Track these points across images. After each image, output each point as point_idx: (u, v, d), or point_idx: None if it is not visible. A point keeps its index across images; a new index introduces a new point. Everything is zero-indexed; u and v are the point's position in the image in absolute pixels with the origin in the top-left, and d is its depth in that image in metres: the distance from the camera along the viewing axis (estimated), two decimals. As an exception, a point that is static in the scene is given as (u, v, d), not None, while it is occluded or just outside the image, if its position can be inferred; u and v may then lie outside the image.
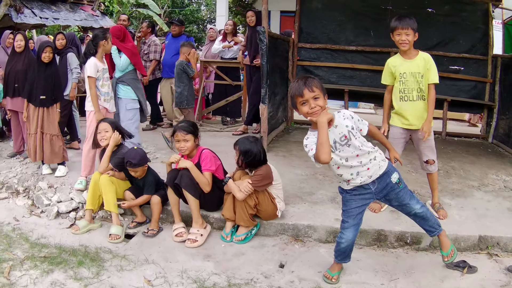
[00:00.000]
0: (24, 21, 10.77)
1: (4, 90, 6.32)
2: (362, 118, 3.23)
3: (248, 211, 3.98)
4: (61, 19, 11.64)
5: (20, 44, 6.15)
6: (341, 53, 7.55)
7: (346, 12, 7.36)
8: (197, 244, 4.00)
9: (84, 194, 5.04)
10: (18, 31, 6.42)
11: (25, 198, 5.27)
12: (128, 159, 4.27)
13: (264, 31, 5.78)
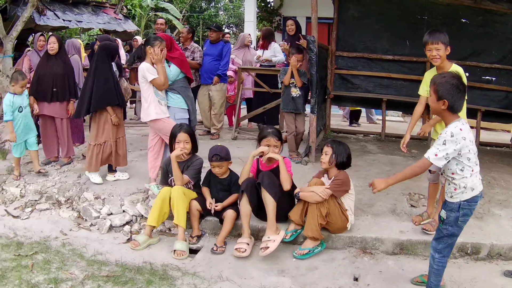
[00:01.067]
0: (47, 23, 10.47)
1: (35, 93, 5.87)
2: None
3: (319, 220, 3.81)
4: (84, 22, 11.34)
5: (53, 47, 5.80)
6: (377, 62, 7.54)
7: (382, 21, 7.34)
8: (269, 251, 3.78)
9: (138, 206, 4.67)
10: (51, 34, 6.08)
11: (70, 210, 4.89)
12: (215, 153, 4.15)
13: (314, 40, 5.73)
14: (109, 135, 5.22)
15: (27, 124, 5.60)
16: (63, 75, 5.82)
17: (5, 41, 7.79)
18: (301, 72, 6.04)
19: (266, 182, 3.87)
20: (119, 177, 5.39)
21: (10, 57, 7.92)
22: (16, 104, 5.38)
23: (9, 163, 6.12)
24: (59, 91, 5.81)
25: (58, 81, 5.79)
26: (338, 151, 3.96)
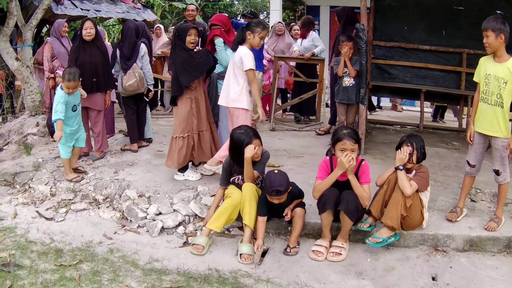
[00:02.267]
0: (65, 12, 9.95)
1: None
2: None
3: (401, 210, 3.55)
4: (102, 11, 10.81)
5: (90, 32, 5.27)
6: (414, 52, 7.28)
7: (419, 11, 7.11)
8: (341, 258, 3.59)
9: (191, 205, 4.13)
10: (87, 18, 5.53)
11: (110, 210, 4.33)
12: (275, 188, 3.52)
13: (363, 28, 5.56)
14: (192, 127, 4.66)
15: (80, 122, 5.12)
16: (102, 64, 5.37)
17: (24, 30, 7.25)
18: (353, 60, 5.77)
19: (350, 209, 3.51)
20: (189, 177, 4.81)
21: (30, 46, 7.37)
22: (70, 103, 4.87)
23: (34, 159, 5.61)
24: (99, 81, 5.34)
25: (98, 71, 5.34)
26: (418, 146, 3.71)
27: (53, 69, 6.42)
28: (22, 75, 7.08)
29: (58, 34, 6.47)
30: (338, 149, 3.55)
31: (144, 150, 5.81)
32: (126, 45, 5.57)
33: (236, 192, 3.77)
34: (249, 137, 3.74)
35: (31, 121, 6.78)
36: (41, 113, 7.05)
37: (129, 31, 5.63)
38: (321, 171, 3.71)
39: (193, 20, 6.98)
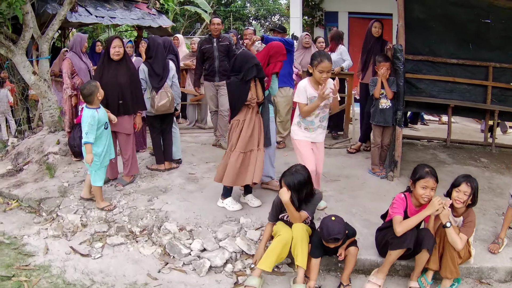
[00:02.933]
0: (79, 20, 9.77)
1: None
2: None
3: (457, 260, 3.55)
4: (117, 18, 10.59)
5: (119, 52, 4.99)
6: (442, 66, 7.10)
7: (446, 23, 6.91)
8: None
9: (238, 241, 3.91)
10: (115, 36, 5.27)
11: (149, 244, 4.09)
12: (333, 236, 3.38)
13: (401, 48, 5.53)
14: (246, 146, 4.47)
15: (111, 142, 4.84)
16: (129, 85, 5.06)
17: (40, 42, 7.02)
18: (390, 81, 5.62)
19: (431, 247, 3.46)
20: (227, 206, 4.57)
21: (47, 59, 7.15)
22: (101, 121, 4.57)
23: (59, 182, 5.40)
24: (126, 103, 5.05)
25: (124, 92, 5.03)
26: (476, 190, 3.59)
27: (74, 86, 6.18)
28: (40, 89, 6.86)
29: (79, 50, 6.24)
30: (420, 186, 3.48)
31: (175, 172, 5.58)
32: (157, 63, 5.32)
33: (285, 230, 3.64)
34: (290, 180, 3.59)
35: (51, 138, 6.56)
36: (61, 129, 6.83)
37: (159, 48, 5.38)
38: (398, 207, 3.57)
39: (218, 34, 6.71)
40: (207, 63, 6.73)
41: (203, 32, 20.36)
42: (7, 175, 6.00)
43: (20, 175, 5.93)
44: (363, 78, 6.72)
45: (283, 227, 3.68)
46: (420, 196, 3.46)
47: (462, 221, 3.64)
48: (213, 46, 6.65)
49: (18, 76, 8.00)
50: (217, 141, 6.87)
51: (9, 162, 6.51)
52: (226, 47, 6.68)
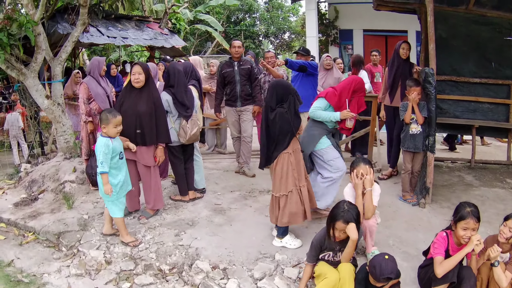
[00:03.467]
0: (91, 40, 9.63)
1: None
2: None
3: None
4: (130, 38, 10.45)
5: (139, 79, 4.77)
6: (464, 85, 7.08)
7: (469, 42, 6.89)
8: None
9: (276, 281, 3.70)
10: (136, 62, 5.09)
11: (181, 284, 3.86)
12: (387, 275, 3.24)
13: (433, 73, 5.39)
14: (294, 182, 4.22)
15: (127, 173, 4.61)
16: (149, 114, 4.80)
17: (52, 64, 6.88)
18: (420, 105, 5.44)
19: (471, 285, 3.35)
20: (287, 244, 4.30)
21: (60, 82, 6.99)
22: (116, 150, 4.36)
23: (78, 214, 5.19)
24: (144, 133, 4.79)
25: (142, 121, 4.78)
26: None
27: (90, 112, 6.00)
28: (54, 114, 6.70)
29: (97, 74, 6.08)
30: (460, 227, 3.40)
31: (200, 203, 5.37)
32: (180, 92, 5.12)
33: (331, 272, 3.48)
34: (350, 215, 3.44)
35: (67, 166, 6.36)
36: (76, 155, 6.64)
37: (180, 76, 5.19)
38: (439, 248, 3.46)
39: (239, 58, 6.52)
40: (228, 87, 6.55)
41: (213, 50, 20.31)
42: (22, 204, 5.80)
43: (36, 205, 5.72)
44: (391, 101, 6.54)
45: (328, 269, 3.50)
46: (461, 237, 3.40)
47: (508, 257, 3.47)
48: (234, 70, 6.46)
49: (30, 100, 7.85)
50: (240, 168, 6.68)
51: (22, 189, 6.31)
52: (248, 71, 6.50)
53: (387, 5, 6.97)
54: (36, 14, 6.34)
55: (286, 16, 22.93)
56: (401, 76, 6.29)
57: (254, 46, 22.90)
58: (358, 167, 3.93)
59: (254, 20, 23.14)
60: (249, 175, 6.51)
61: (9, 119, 8.28)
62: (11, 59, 6.26)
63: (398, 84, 6.33)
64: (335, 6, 12.54)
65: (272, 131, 4.17)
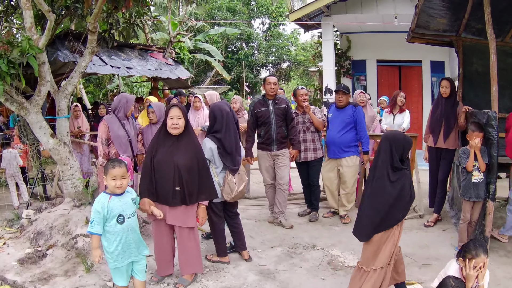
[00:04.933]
0: (94, 70, 8.99)
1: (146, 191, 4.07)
2: None
3: None
4: (134, 68, 9.81)
5: (178, 124, 4.03)
6: (501, 121, 6.55)
7: (505, 77, 6.59)
8: None
9: None
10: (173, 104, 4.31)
11: None
12: None
13: (496, 116, 5.07)
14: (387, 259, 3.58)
15: (131, 242, 3.66)
16: (190, 167, 4.05)
17: (57, 98, 6.18)
18: (482, 151, 5.03)
19: None
20: None
21: (66, 118, 6.28)
22: (113, 211, 3.55)
23: (100, 280, 4.49)
24: (185, 190, 4.04)
25: (183, 176, 4.01)
26: None
27: (108, 155, 5.31)
28: (60, 155, 5.96)
29: (122, 114, 5.41)
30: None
31: (242, 264, 4.71)
32: (229, 138, 4.46)
33: None
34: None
35: (78, 216, 5.62)
36: (87, 203, 5.89)
37: (229, 118, 4.50)
38: None
39: (274, 96, 5.94)
40: (262, 129, 5.93)
41: (211, 81, 19.75)
42: (28, 261, 5.01)
43: (45, 263, 4.95)
44: (435, 142, 6.07)
45: None
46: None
47: None
48: (269, 109, 5.87)
49: (31, 136, 7.09)
50: (276, 218, 6.05)
51: (27, 242, 5.52)
52: (284, 111, 5.91)
53: (423, 37, 6.70)
54: (41, 40, 5.64)
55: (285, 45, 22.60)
56: (444, 116, 5.98)
57: (253, 76, 22.43)
58: (479, 258, 3.23)
59: (253, 50, 22.74)
60: (287, 226, 5.91)
61: (5, 156, 7.48)
62: (11, 91, 5.54)
63: (441, 125, 5.98)
64: (347, 36, 12.19)
65: (387, 197, 3.48)
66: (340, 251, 5.07)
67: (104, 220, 3.50)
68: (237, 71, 21.12)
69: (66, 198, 6.18)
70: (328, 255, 4.97)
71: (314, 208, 6.48)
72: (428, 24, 6.29)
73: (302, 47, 23.05)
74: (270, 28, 22.96)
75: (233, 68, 21.17)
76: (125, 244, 3.59)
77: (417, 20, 6.14)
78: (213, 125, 4.51)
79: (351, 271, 4.36)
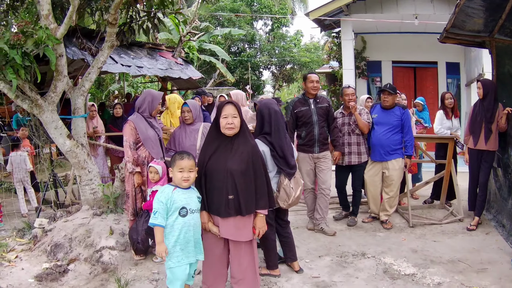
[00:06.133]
0: (105, 68, 8.42)
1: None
2: None
3: None
4: (145, 67, 9.29)
5: (233, 124, 3.51)
6: None
7: None
8: None
9: None
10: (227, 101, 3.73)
11: None
12: None
13: None
14: None
15: (190, 239, 3.40)
16: (245, 173, 3.49)
17: (73, 96, 5.66)
18: None
19: None
20: None
21: (83, 117, 5.74)
22: (176, 203, 3.35)
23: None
24: (239, 198, 3.48)
25: (237, 183, 3.48)
26: None
27: (138, 160, 4.77)
28: (78, 158, 5.44)
29: (148, 112, 4.88)
30: None
31: (294, 277, 4.27)
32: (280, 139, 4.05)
33: None
34: None
35: (100, 225, 5.09)
36: (109, 212, 5.34)
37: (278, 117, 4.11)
38: None
39: (316, 94, 5.54)
40: (303, 129, 5.48)
41: (215, 82, 19.25)
42: (47, 278, 4.45)
43: (67, 280, 4.40)
44: (475, 144, 5.87)
45: None
46: None
47: None
48: (311, 108, 5.45)
49: (43, 137, 6.50)
50: (317, 225, 5.64)
51: (43, 255, 4.95)
52: (326, 110, 5.52)
53: (455, 37, 6.45)
54: (59, 29, 5.08)
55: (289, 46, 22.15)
56: (484, 118, 5.77)
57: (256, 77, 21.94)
58: None
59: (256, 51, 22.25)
60: (330, 233, 5.53)
61: (14, 160, 6.88)
62: (25, 86, 4.98)
63: (481, 126, 5.76)
64: (362, 36, 11.78)
65: None
66: (393, 259, 4.74)
67: (166, 212, 3.31)
68: (240, 72, 20.62)
69: (83, 205, 5.65)
70: (381, 263, 4.63)
71: (353, 213, 6.17)
72: (464, 24, 6.05)
73: (306, 49, 22.66)
74: (273, 30, 22.53)
75: (236, 70, 20.67)
76: (183, 241, 3.36)
77: (454, 20, 5.88)
78: (262, 125, 4.07)
79: (410, 280, 4.17)
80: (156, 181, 4.62)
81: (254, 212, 3.56)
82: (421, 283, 4.13)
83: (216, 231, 3.50)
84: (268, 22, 22.67)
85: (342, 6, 9.87)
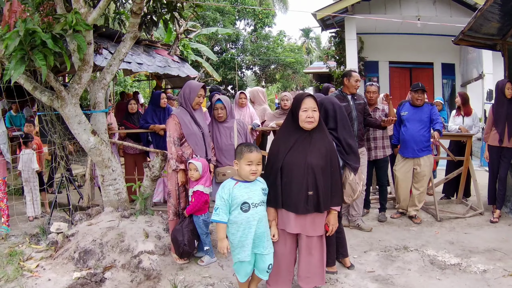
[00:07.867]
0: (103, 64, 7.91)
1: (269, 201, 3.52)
2: None
3: None
4: (144, 64, 8.90)
5: (313, 117, 3.33)
6: None
7: None
8: None
9: None
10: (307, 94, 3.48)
11: None
12: None
13: None
14: None
15: (256, 234, 3.33)
16: (324, 168, 3.32)
17: (93, 89, 5.27)
18: None
19: None
20: None
21: (105, 112, 5.34)
22: (237, 198, 3.27)
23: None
24: (318, 195, 3.31)
25: (316, 179, 3.29)
26: None
27: (182, 157, 4.43)
28: (102, 156, 5.06)
29: (190, 106, 4.54)
30: None
31: (350, 273, 4.22)
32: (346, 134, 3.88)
33: None
34: None
35: (132, 228, 4.71)
36: (138, 213, 4.96)
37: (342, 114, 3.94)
38: None
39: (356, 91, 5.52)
40: None
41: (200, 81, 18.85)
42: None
43: (106, 291, 3.99)
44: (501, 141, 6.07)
45: None
46: None
47: None
48: (350, 104, 5.34)
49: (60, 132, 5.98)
50: (354, 221, 5.63)
51: (69, 263, 4.51)
52: (363, 106, 5.49)
53: (469, 40, 6.61)
54: (90, 14, 4.69)
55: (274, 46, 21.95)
56: (508, 116, 5.99)
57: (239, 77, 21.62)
58: None
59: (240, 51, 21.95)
60: (367, 229, 5.55)
61: (23, 158, 6.39)
62: (50, 75, 4.56)
63: (505, 124, 5.99)
64: (360, 36, 11.74)
65: None
66: (434, 251, 4.83)
67: (228, 208, 3.26)
68: (223, 72, 20.30)
69: (106, 207, 5.23)
70: (425, 256, 4.71)
71: (382, 208, 6.24)
72: (480, 27, 6.17)
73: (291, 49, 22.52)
74: (256, 30, 22.30)
75: (219, 70, 20.33)
76: (247, 236, 3.29)
77: (473, 23, 6.01)
78: (326, 121, 3.84)
79: (457, 269, 4.26)
80: (196, 179, 4.30)
81: (329, 209, 3.40)
82: (468, 271, 4.22)
83: (275, 234, 3.41)
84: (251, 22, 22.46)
85: (348, 6, 9.83)
